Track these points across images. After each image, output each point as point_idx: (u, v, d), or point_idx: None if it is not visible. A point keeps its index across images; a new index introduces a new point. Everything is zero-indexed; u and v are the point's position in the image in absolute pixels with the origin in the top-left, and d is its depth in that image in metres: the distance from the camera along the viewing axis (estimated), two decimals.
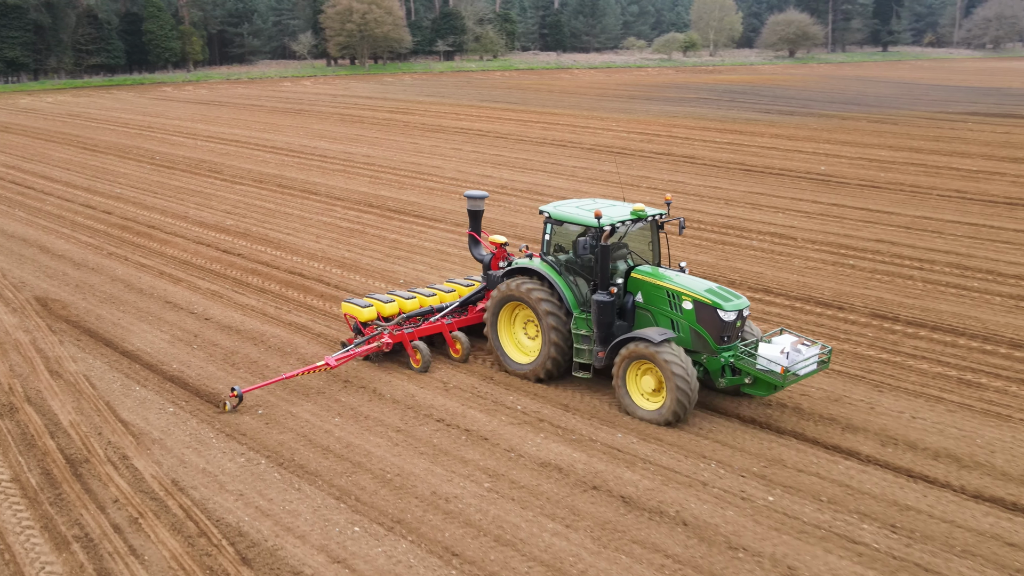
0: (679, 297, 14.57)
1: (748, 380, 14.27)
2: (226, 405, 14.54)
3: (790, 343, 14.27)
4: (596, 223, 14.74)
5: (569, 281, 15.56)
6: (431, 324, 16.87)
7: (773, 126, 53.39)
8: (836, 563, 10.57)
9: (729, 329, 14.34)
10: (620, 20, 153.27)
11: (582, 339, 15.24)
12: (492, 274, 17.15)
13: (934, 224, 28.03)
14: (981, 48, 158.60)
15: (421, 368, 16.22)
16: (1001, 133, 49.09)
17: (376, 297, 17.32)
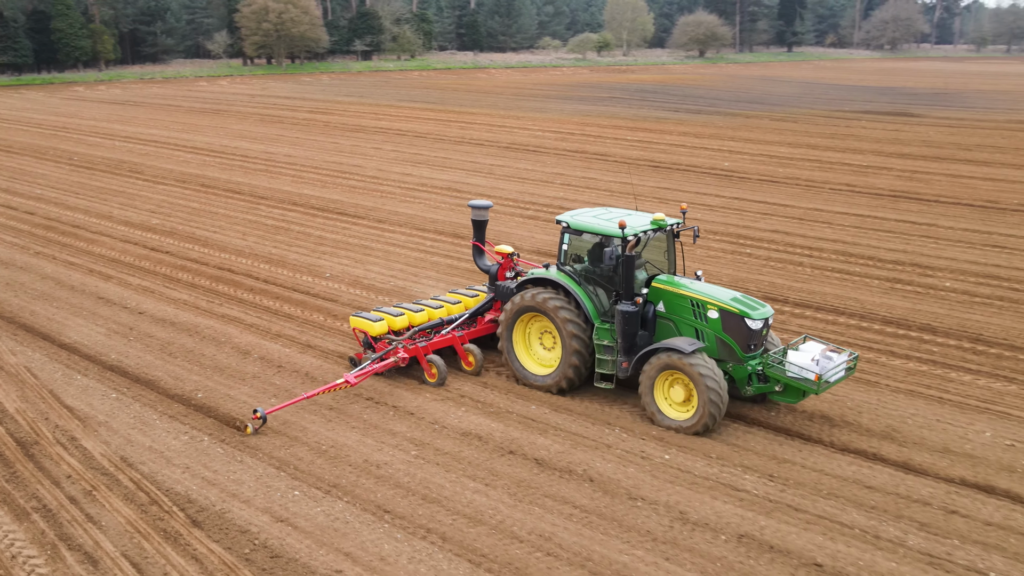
0: (704, 306, 14.60)
1: (779, 388, 14.42)
2: (248, 428, 14.04)
3: (820, 351, 14.48)
4: (620, 233, 14.66)
5: (589, 291, 15.48)
6: (443, 337, 16.59)
7: (681, 124, 55.70)
8: (721, 507, 12.16)
9: (756, 337, 14.45)
10: (536, 20, 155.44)
11: (604, 349, 15.12)
12: (502, 285, 17.03)
13: (824, 215, 30.27)
14: (879, 49, 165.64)
15: (437, 382, 15.94)
16: (891, 130, 52.25)
17: (385, 310, 16.98)
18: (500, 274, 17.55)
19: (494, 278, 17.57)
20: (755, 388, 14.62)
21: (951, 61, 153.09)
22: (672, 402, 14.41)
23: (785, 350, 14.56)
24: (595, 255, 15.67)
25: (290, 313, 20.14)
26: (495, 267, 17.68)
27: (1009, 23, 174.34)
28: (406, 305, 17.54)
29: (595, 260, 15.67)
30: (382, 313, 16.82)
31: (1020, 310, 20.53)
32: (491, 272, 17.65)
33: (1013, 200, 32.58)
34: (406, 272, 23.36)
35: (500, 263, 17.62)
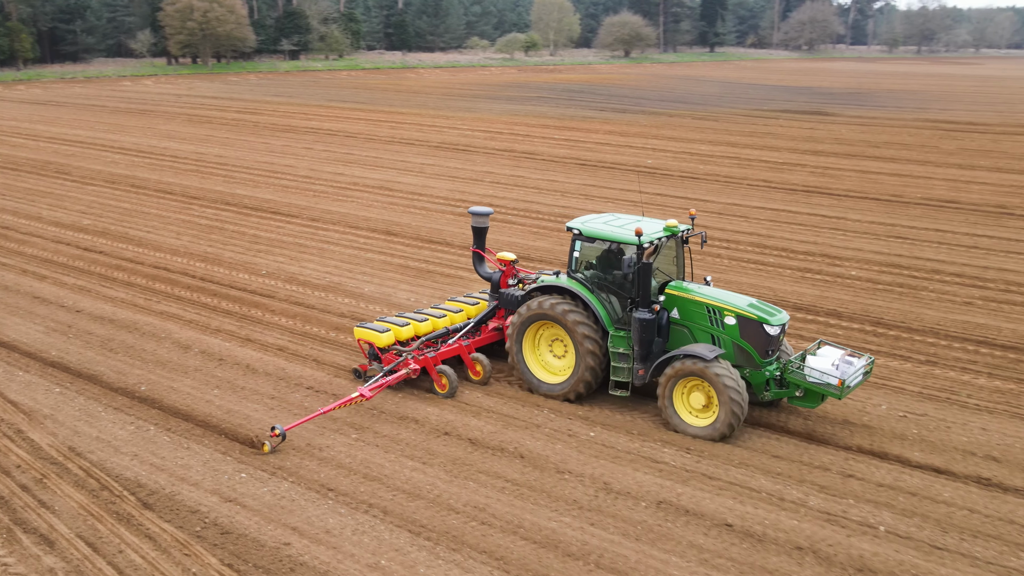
0: (721, 313, 14.68)
1: (799, 393, 14.59)
2: (265, 445, 13.69)
3: (839, 356, 14.75)
4: (637, 240, 14.62)
5: (602, 299, 15.45)
6: (450, 347, 16.41)
7: (607, 123, 57.11)
8: (641, 477, 13.20)
9: (773, 343, 14.58)
10: (463, 20, 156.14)
11: (620, 357, 15.08)
12: (507, 292, 16.93)
13: (742, 210, 31.75)
14: (797, 49, 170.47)
15: (448, 393, 15.75)
16: (807, 129, 54.41)
17: (390, 320, 16.74)
18: (502, 282, 17.39)
19: (496, 286, 17.42)
20: (773, 393, 14.72)
21: (865, 61, 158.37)
22: (691, 409, 14.48)
23: (804, 355, 14.84)
24: (606, 262, 15.65)
25: (229, 309, 20.66)
26: (497, 274, 17.49)
27: (919, 25, 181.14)
28: (408, 315, 17.26)
29: (606, 267, 15.63)
30: (387, 323, 16.52)
31: (918, 296, 22.09)
32: (493, 280, 17.48)
33: (916, 194, 34.52)
34: (341, 269, 24.00)
35: (502, 271, 17.43)
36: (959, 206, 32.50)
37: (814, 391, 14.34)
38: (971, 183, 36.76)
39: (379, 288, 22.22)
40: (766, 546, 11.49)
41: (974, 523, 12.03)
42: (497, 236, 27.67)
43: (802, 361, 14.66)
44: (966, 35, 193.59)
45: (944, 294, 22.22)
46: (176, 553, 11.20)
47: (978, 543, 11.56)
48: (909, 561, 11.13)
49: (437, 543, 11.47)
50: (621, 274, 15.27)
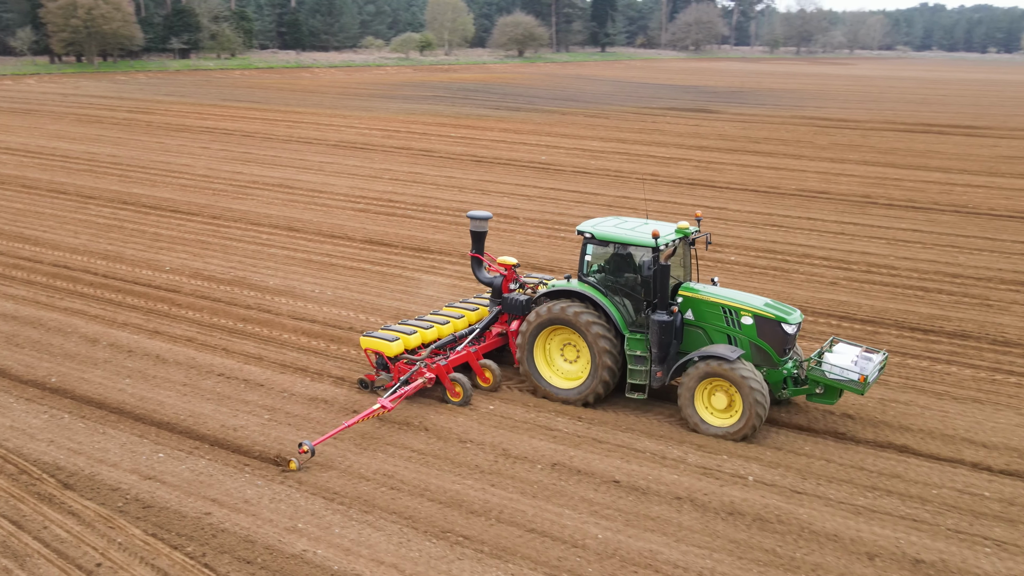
0: (738, 313, 14.84)
1: (819, 390, 14.83)
2: (292, 463, 13.36)
3: (857, 352, 15.07)
4: (654, 243, 14.69)
5: (616, 302, 15.47)
6: (459, 354, 16.22)
7: (502, 121, 58.44)
8: (537, 444, 14.37)
9: (790, 341, 14.83)
10: (358, 19, 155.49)
11: (636, 360, 15.13)
12: (511, 297, 16.86)
13: (630, 203, 33.40)
14: (685, 49, 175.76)
15: (462, 401, 15.57)
16: (692, 125, 56.86)
17: (396, 328, 16.39)
18: (504, 286, 17.29)
19: (498, 291, 17.28)
20: (791, 391, 15.03)
21: (748, 61, 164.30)
22: (713, 409, 14.63)
23: (821, 352, 15.08)
24: (618, 265, 15.69)
25: (134, 304, 21.01)
26: (498, 279, 17.31)
27: (797, 27, 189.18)
28: (412, 322, 16.90)
29: (618, 270, 15.67)
30: (395, 332, 16.17)
31: (789, 278, 23.98)
32: (494, 285, 17.31)
33: (791, 186, 36.85)
34: (245, 264, 24.52)
35: (503, 275, 17.29)
36: (829, 196, 34.90)
37: (834, 387, 14.65)
38: (840, 175, 39.36)
39: (284, 281, 22.87)
40: (649, 498, 12.79)
41: (830, 471, 13.60)
42: (397, 230, 28.61)
43: (820, 358, 14.88)
44: (841, 37, 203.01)
45: (813, 275, 24.17)
46: (100, 527, 11.83)
47: (832, 487, 13.12)
48: (773, 504, 12.59)
49: (350, 507, 12.40)
50: (634, 277, 15.34)
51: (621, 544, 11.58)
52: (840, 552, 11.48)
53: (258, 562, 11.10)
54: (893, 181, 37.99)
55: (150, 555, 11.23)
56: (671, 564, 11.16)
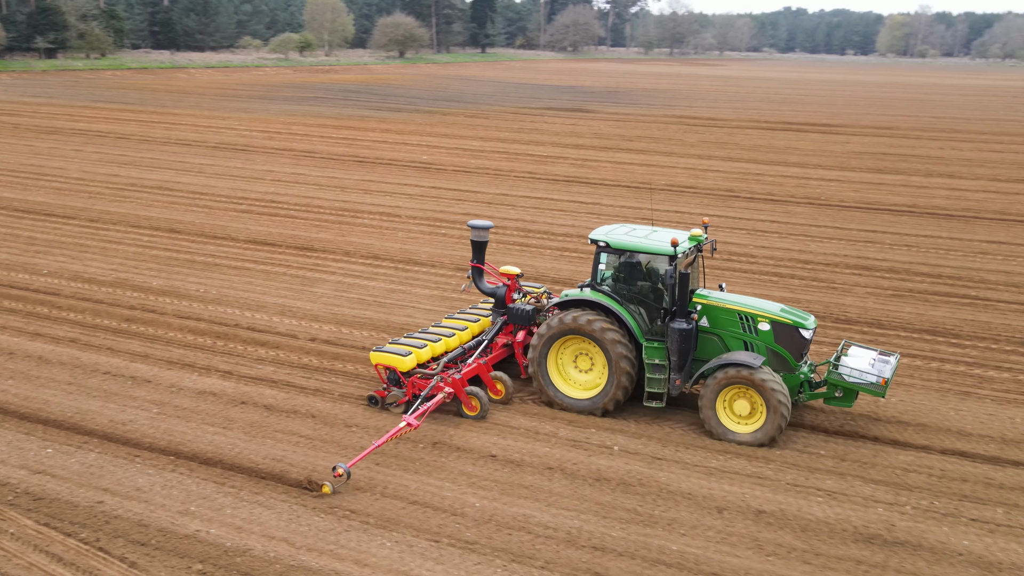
0: (755, 319, 14.93)
1: (838, 393, 15.03)
2: (326, 486, 12.91)
3: (873, 355, 15.45)
4: (673, 251, 14.65)
5: (632, 311, 15.41)
6: (470, 367, 15.90)
7: (384, 122, 58.95)
8: (422, 425, 15.25)
9: (807, 346, 15.03)
10: (234, 19, 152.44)
11: (655, 368, 15.09)
12: (517, 307, 16.67)
13: (509, 199, 34.61)
14: (563, 51, 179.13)
15: (480, 415, 15.34)
16: (569, 124, 58.64)
17: (404, 343, 16.06)
18: (508, 296, 17.06)
19: (502, 301, 17.06)
20: (807, 395, 15.23)
21: (623, 62, 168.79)
22: (736, 416, 14.70)
23: (838, 356, 15.39)
24: (631, 273, 15.66)
25: (12, 307, 20.88)
26: (502, 289, 17.08)
27: (670, 29, 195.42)
28: (418, 335, 16.56)
29: (632, 278, 15.63)
30: (405, 346, 15.84)
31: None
32: (497, 295, 17.10)
33: (661, 181, 38.77)
34: (126, 265, 24.53)
35: (507, 285, 17.09)
36: (696, 191, 36.92)
37: (852, 391, 14.93)
38: (707, 171, 41.59)
39: (167, 282, 23.05)
40: (523, 469, 13.85)
41: (687, 439, 14.95)
42: (280, 230, 28.99)
43: (837, 362, 15.16)
44: (711, 39, 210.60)
45: None
46: None
47: (688, 452, 14.46)
48: (636, 470, 13.83)
49: (241, 489, 13.04)
50: (647, 285, 15.41)
51: (497, 511, 12.59)
52: (693, 508, 12.79)
53: (152, 543, 11.64)
54: (755, 176, 40.38)
55: (44, 542, 11.62)
56: (542, 526, 12.24)
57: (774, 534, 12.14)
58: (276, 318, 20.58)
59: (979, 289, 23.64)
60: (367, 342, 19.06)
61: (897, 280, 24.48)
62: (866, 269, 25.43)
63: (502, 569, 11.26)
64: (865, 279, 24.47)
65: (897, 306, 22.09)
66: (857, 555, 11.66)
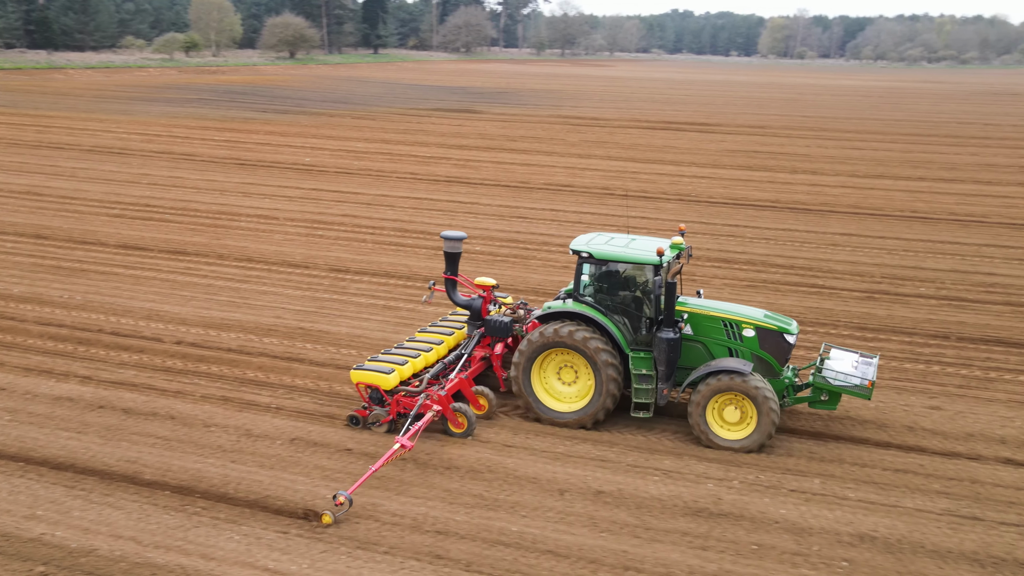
0: (739, 326, 15.01)
1: (824, 397, 15.16)
2: (327, 516, 12.37)
3: (855, 358, 15.57)
4: (658, 260, 14.67)
5: (616, 321, 15.29)
6: (452, 383, 15.51)
7: (268, 124, 58.39)
8: (279, 423, 15.50)
9: (790, 351, 15.19)
10: (116, 18, 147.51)
11: (642, 379, 15.00)
12: (494, 319, 16.37)
13: (389, 200, 34.93)
14: (456, 51, 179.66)
15: (466, 433, 14.99)
16: (455, 125, 59.20)
17: (384, 359, 15.64)
18: (484, 308, 16.70)
19: (477, 313, 16.69)
20: (791, 400, 15.33)
21: (516, 63, 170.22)
22: (725, 423, 14.73)
23: (822, 360, 15.45)
24: (614, 283, 15.57)
25: None
26: (477, 301, 16.75)
27: (561, 30, 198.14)
28: (395, 351, 16.12)
29: (615, 288, 15.54)
30: (387, 363, 15.39)
31: (527, 264, 26.30)
32: (473, 307, 16.74)
33: (540, 181, 39.67)
34: None
35: (482, 297, 16.77)
36: (573, 189, 37.93)
37: (837, 394, 15.06)
38: (586, 170, 42.69)
39: (30, 288, 22.61)
40: (377, 461, 14.25)
41: (536, 427, 15.61)
42: (154, 234, 28.69)
43: (821, 366, 15.26)
44: (601, 40, 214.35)
45: (548, 262, 26.60)
46: None
47: (537, 439, 15.11)
48: (486, 457, 14.37)
49: (91, 491, 13.10)
50: (629, 295, 15.36)
51: None
52: (537, 491, 13.44)
53: None
54: (631, 174, 41.67)
55: None
56: (390, 513, 12.70)
57: (610, 512, 12.88)
58: (142, 322, 20.48)
59: (826, 279, 25.14)
60: (233, 343, 19.20)
61: (753, 272, 25.82)
62: (725, 261, 26.71)
63: (347, 556, 11.69)
64: (723, 271, 25.70)
65: (749, 296, 23.31)
66: (684, 527, 12.50)
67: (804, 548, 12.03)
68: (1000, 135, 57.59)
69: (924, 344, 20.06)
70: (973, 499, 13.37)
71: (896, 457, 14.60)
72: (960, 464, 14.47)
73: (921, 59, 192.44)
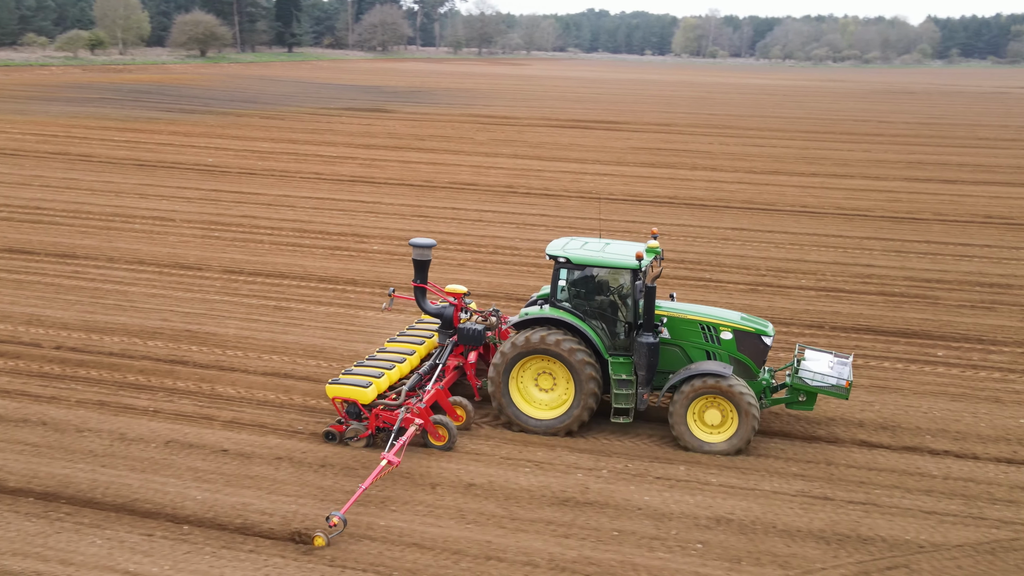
0: (717, 329, 14.99)
1: (802, 398, 15.24)
2: (320, 538, 11.90)
3: (830, 359, 15.69)
4: (637, 264, 14.62)
5: (595, 327, 15.16)
6: (428, 393, 15.09)
7: (172, 124, 57.26)
8: (155, 425, 15.38)
9: (767, 353, 15.26)
10: (16, 14, 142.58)
11: (621, 384, 14.84)
12: (467, 328, 16.04)
13: (291, 200, 34.68)
14: (372, 50, 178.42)
15: (447, 445, 14.65)
16: (365, 125, 58.91)
17: (359, 372, 15.15)
18: (456, 316, 16.39)
19: (449, 321, 16.38)
20: (768, 401, 15.37)
21: (432, 62, 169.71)
22: (705, 426, 14.67)
23: (798, 361, 15.51)
24: (591, 288, 15.40)
25: None
26: (448, 309, 16.41)
27: (478, 29, 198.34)
28: (369, 363, 15.67)
29: (591, 294, 15.39)
30: (363, 376, 14.94)
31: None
32: (444, 315, 16.40)
33: (445, 179, 39.82)
34: None
35: (453, 304, 16.46)
36: (476, 187, 38.19)
37: (814, 394, 15.19)
38: (491, 168, 43.00)
39: None
40: (253, 460, 14.29)
41: None
42: (42, 237, 28.04)
43: (797, 367, 15.35)
44: (518, 39, 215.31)
45: (445, 259, 26.77)
46: None
47: None
48: (361, 455, 14.46)
49: None
50: (606, 300, 15.29)
51: (217, 501, 12.99)
52: (408, 485, 13.63)
53: None
54: (535, 172, 42.11)
55: None
56: (259, 512, 12.73)
57: (479, 504, 13.15)
58: (22, 328, 20.03)
59: (714, 272, 25.87)
60: (116, 347, 18.94)
61: None
62: None
63: (211, 556, 11.71)
64: None
65: None
66: (550, 517, 12.83)
67: (663, 532, 12.48)
68: (892, 132, 59.77)
69: (799, 334, 20.83)
70: (826, 480, 14.02)
71: (759, 443, 15.17)
72: (818, 448, 15.14)
73: (827, 58, 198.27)
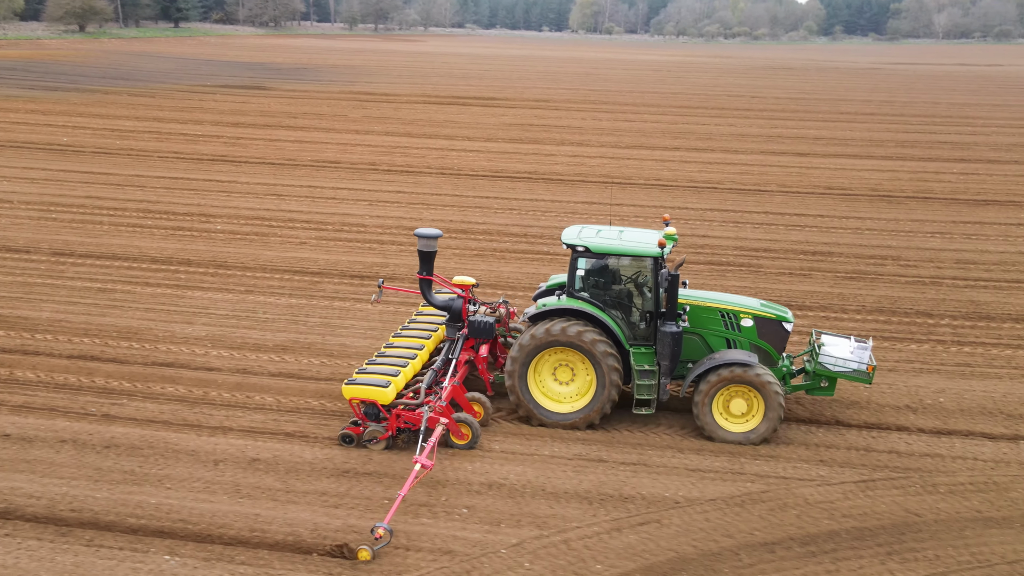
0: (737, 316, 14.79)
1: (824, 383, 15.03)
2: (364, 551, 11.33)
3: (850, 343, 15.46)
4: (660, 252, 14.30)
5: (615, 317, 14.79)
6: (446, 390, 14.53)
7: (32, 102, 55.13)
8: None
9: (787, 339, 15.02)
10: None
11: (644, 374, 14.47)
12: (479, 320, 15.47)
13: (142, 180, 33.90)
14: (264, 26, 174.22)
15: (469, 444, 14.13)
16: (238, 102, 57.67)
17: (374, 371, 14.44)
18: (464, 308, 15.81)
19: (457, 314, 15.82)
20: (789, 387, 15.16)
21: (326, 39, 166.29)
22: (730, 416, 14.46)
23: (817, 347, 15.29)
24: (608, 277, 15.02)
25: None
26: (457, 302, 15.85)
27: (373, 4, 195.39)
28: (381, 361, 14.95)
29: (610, 283, 15.00)
30: (380, 375, 14.28)
31: (267, 242, 26.19)
32: (453, 308, 15.84)
33: (307, 158, 39.36)
34: None
35: (462, 296, 15.89)
36: (338, 165, 37.93)
37: (835, 379, 14.99)
38: (358, 146, 42.67)
39: None
40: (34, 445, 14.04)
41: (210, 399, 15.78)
42: None
43: (817, 352, 15.14)
44: (415, 15, 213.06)
45: (289, 237, 26.60)
46: None
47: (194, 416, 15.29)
48: (148, 434, 14.39)
49: None
50: (624, 289, 15.00)
51: None
52: (192, 463, 13.62)
53: None
54: (401, 149, 41.98)
55: None
56: (27, 495, 12.56)
57: (258, 479, 13.23)
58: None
59: (552, 245, 26.28)
60: None
61: (485, 241, 26.73)
62: (463, 232, 27.47)
63: None
64: (458, 241, 26.43)
65: (473, 264, 24.17)
66: (325, 488, 12.99)
67: (433, 499, 12.77)
68: (761, 107, 61.26)
69: None
70: (605, 444, 14.52)
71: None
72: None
73: (719, 35, 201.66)
